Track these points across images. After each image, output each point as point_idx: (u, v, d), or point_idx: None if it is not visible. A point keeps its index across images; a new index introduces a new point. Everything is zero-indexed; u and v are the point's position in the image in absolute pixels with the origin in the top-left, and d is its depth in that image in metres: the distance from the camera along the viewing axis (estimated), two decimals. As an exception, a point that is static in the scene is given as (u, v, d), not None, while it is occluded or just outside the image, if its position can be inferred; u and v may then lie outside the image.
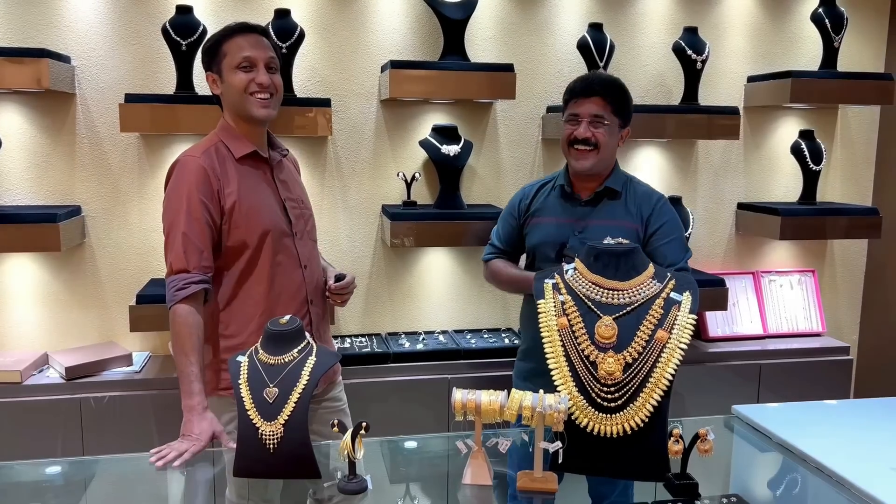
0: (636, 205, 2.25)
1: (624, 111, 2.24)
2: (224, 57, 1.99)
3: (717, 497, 1.62)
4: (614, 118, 2.21)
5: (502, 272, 2.41)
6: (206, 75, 2.05)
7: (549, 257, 2.26)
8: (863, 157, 3.65)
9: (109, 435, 2.72)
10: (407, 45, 3.15)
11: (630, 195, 2.27)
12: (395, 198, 3.20)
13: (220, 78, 2.02)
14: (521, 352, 2.44)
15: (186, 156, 1.99)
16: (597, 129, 2.19)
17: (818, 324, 3.54)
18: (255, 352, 1.71)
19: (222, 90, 2.03)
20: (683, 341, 1.61)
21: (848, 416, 2.13)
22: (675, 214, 2.29)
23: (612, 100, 2.20)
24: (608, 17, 3.27)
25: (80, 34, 2.88)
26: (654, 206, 2.25)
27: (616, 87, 2.23)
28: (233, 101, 2.01)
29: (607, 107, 2.20)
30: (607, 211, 2.25)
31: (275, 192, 2.06)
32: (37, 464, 2.03)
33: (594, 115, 2.19)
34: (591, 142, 2.19)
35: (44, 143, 2.90)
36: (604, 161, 2.23)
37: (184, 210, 1.91)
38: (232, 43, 1.99)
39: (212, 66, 2.03)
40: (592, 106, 2.19)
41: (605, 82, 2.23)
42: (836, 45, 3.30)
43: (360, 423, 1.59)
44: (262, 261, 2.01)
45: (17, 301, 2.95)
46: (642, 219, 2.24)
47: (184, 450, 1.74)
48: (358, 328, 3.26)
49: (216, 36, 2.03)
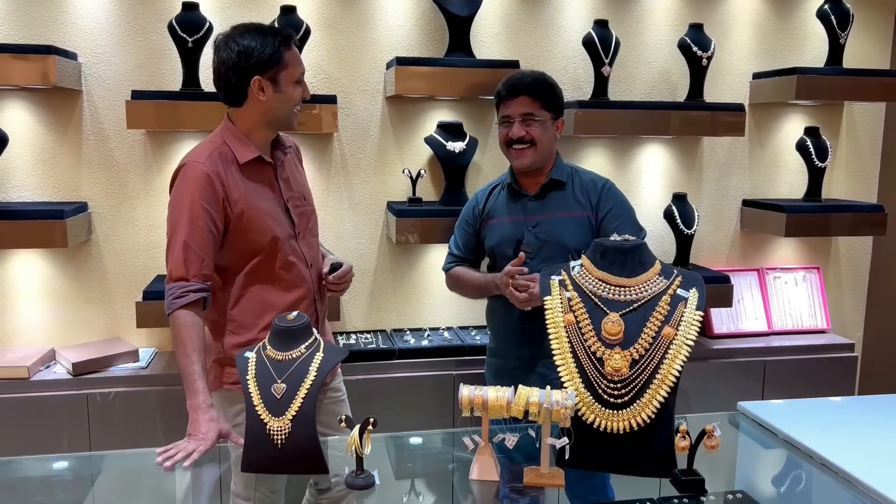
0: (584, 193, 2.30)
1: (554, 104, 2.28)
2: (286, 67, 1.94)
3: (723, 493, 1.63)
4: (545, 112, 2.26)
5: (464, 278, 2.45)
6: (255, 80, 1.91)
7: (508, 255, 2.30)
8: (868, 153, 3.64)
9: (116, 430, 2.74)
10: (412, 42, 3.15)
11: (576, 184, 2.32)
12: (400, 194, 3.21)
13: (275, 87, 1.94)
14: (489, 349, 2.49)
15: (191, 160, 1.95)
16: (530, 127, 2.24)
17: (823, 321, 3.54)
18: (263, 348, 1.72)
19: (269, 98, 1.95)
20: (690, 338, 1.61)
21: (853, 413, 2.13)
22: (622, 197, 2.33)
23: (539, 95, 2.25)
24: (614, 13, 3.27)
25: (86, 31, 2.88)
26: (601, 192, 2.30)
27: (541, 83, 2.27)
28: (278, 111, 1.98)
29: (535, 103, 2.24)
30: (556, 203, 2.30)
31: (278, 195, 2.05)
32: (44, 459, 2.04)
33: (524, 114, 2.24)
34: (527, 139, 2.25)
35: (50, 139, 2.91)
36: (543, 155, 2.28)
37: (186, 217, 1.89)
38: (291, 54, 1.96)
39: (267, 72, 1.92)
40: (521, 106, 2.24)
41: (529, 81, 2.27)
42: (842, 41, 3.29)
43: (367, 419, 1.59)
44: (271, 263, 2.01)
45: (24, 297, 2.96)
46: (591, 206, 2.29)
47: (191, 450, 1.73)
48: (363, 325, 3.27)
49: (275, 41, 1.93)
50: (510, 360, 2.34)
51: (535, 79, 2.28)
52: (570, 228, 2.26)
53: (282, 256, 2.01)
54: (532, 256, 2.23)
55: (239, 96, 1.96)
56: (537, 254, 2.25)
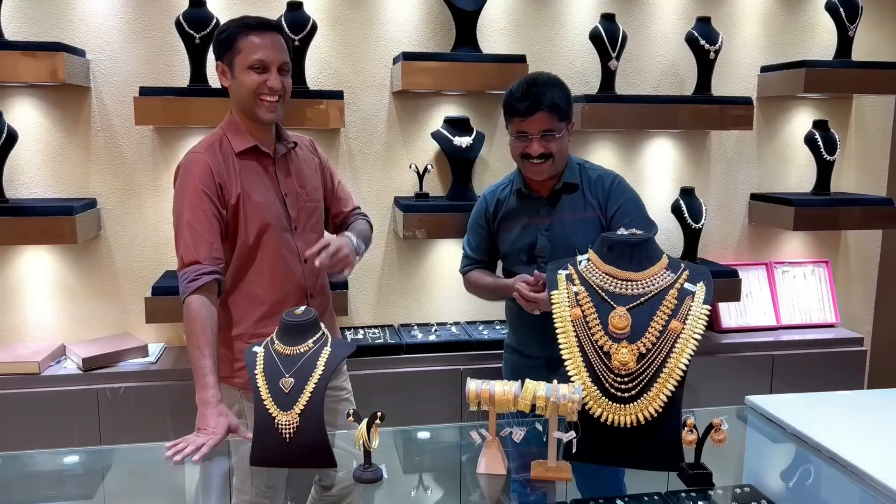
0: (592, 193, 2.25)
1: (568, 112, 2.20)
2: (238, 53, 1.97)
3: (731, 487, 1.62)
4: (561, 124, 2.18)
5: (480, 282, 2.41)
6: (217, 64, 2.02)
7: (522, 260, 2.28)
8: (877, 146, 3.62)
9: (126, 425, 2.75)
10: (419, 37, 3.15)
11: (586, 184, 2.26)
12: (407, 190, 3.21)
13: (231, 72, 2.00)
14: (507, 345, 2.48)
15: (191, 153, 2.01)
16: (550, 143, 2.16)
17: (832, 315, 3.53)
18: (272, 342, 1.73)
19: (231, 84, 2.02)
20: (697, 332, 1.61)
21: (861, 407, 2.12)
22: (631, 193, 2.27)
23: (556, 110, 2.15)
24: (620, 7, 3.26)
25: (94, 28, 2.90)
26: (609, 189, 2.24)
27: (558, 97, 2.16)
28: (240, 99, 2.01)
29: (553, 119, 2.15)
30: (568, 206, 2.25)
31: (275, 187, 2.06)
32: (55, 453, 2.06)
33: (544, 132, 2.16)
34: (545, 154, 2.17)
35: (59, 136, 2.92)
36: (560, 164, 2.23)
37: (188, 203, 1.93)
38: (247, 40, 1.96)
39: (223, 57, 2.00)
40: (540, 123, 2.15)
41: (548, 96, 2.14)
42: (851, 34, 3.27)
43: (374, 413, 1.60)
44: (262, 255, 2.02)
45: (34, 293, 2.98)
46: (600, 206, 2.24)
47: (200, 444, 1.74)
48: (371, 320, 3.28)
49: (231, 27, 1.99)
50: (532, 359, 2.30)
51: (554, 92, 2.15)
52: (582, 231, 2.21)
53: (272, 250, 2.02)
54: (546, 261, 2.20)
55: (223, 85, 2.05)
56: (550, 257, 2.21)
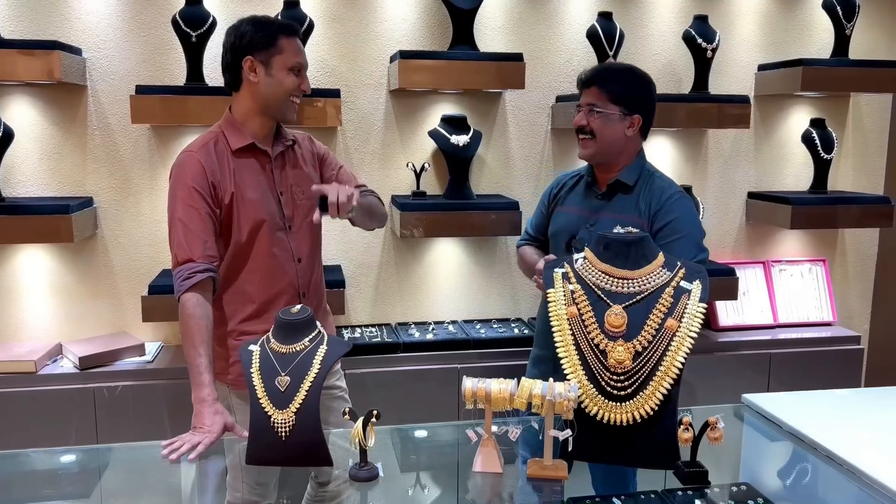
0: (646, 200, 2.19)
1: (626, 99, 2.17)
2: (280, 52, 1.97)
3: (727, 485, 1.62)
4: (613, 106, 2.16)
5: (524, 259, 2.44)
6: (247, 59, 1.97)
7: (561, 248, 2.26)
8: (875, 145, 3.62)
9: (122, 424, 2.75)
10: (416, 36, 3.14)
11: (644, 189, 2.21)
12: (404, 188, 3.21)
13: (267, 70, 1.98)
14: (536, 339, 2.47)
15: (185, 152, 2.02)
16: (591, 117, 2.18)
17: (829, 313, 3.53)
18: (267, 341, 1.72)
19: (261, 81, 1.98)
20: (693, 330, 1.61)
21: (858, 405, 2.12)
22: (687, 211, 2.19)
23: (609, 87, 2.16)
24: (617, 5, 3.26)
25: (91, 26, 2.89)
26: (664, 202, 2.17)
27: (615, 75, 2.20)
28: (270, 98, 2.00)
29: (602, 95, 2.17)
30: (619, 205, 2.22)
31: (270, 185, 2.06)
32: (51, 452, 2.05)
33: (589, 104, 2.19)
34: (587, 130, 2.19)
35: (56, 134, 2.92)
36: (605, 149, 2.20)
37: (181, 201, 1.94)
38: (290, 43, 1.99)
39: (258, 52, 1.97)
40: (589, 95, 2.19)
41: (604, 71, 2.22)
42: (848, 32, 3.28)
43: (370, 412, 1.60)
44: (254, 253, 2.02)
45: (30, 292, 2.98)
46: (649, 215, 2.18)
47: (196, 442, 1.74)
48: (368, 318, 3.28)
49: (272, 26, 1.99)
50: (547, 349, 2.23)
51: (611, 70, 2.23)
52: None
53: (264, 248, 2.02)
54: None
55: (235, 78, 2.02)
56: None
